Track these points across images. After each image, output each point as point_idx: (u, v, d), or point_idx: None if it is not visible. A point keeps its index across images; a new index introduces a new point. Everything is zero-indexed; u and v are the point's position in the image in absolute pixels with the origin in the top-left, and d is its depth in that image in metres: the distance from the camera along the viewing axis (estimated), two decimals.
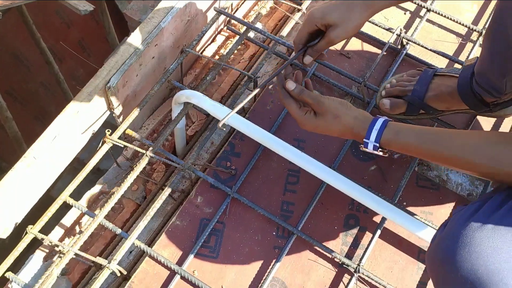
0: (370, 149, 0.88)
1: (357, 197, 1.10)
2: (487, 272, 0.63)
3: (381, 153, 0.89)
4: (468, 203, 0.76)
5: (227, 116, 0.97)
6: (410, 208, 1.14)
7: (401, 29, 1.34)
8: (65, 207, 1.17)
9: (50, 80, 3.56)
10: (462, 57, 1.37)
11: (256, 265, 1.11)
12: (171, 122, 1.21)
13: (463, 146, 0.78)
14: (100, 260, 1.05)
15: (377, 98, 1.20)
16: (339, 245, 1.13)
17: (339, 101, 0.94)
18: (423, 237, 1.07)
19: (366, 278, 1.09)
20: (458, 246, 0.66)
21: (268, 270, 1.10)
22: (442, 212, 1.16)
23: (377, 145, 0.86)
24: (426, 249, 1.13)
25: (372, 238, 1.12)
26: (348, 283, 1.08)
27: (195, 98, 1.18)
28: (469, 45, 1.41)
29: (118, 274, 1.07)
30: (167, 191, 1.13)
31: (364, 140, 0.88)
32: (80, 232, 1.18)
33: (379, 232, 1.12)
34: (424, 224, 1.08)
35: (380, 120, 0.87)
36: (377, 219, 1.15)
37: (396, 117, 1.17)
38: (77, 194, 1.16)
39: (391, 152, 0.91)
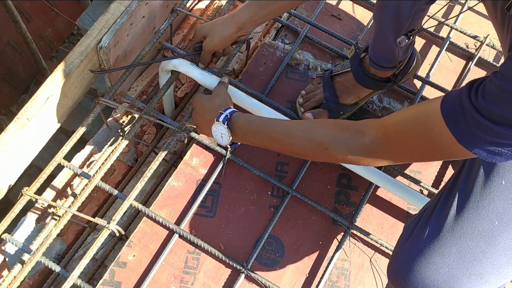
0: (220, 120, 0.92)
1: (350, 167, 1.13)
2: None
3: (229, 137, 0.93)
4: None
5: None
6: (399, 168, 1.19)
7: None
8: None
9: (17, 40, 3.41)
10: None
11: (253, 224, 1.14)
12: (159, 90, 1.19)
13: (295, 126, 0.89)
14: (99, 221, 1.05)
15: (300, 115, 1.21)
16: (332, 203, 1.17)
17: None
18: (410, 201, 1.12)
19: (358, 234, 1.14)
20: (403, 271, 0.78)
21: (265, 228, 1.13)
22: (430, 171, 1.21)
23: (228, 116, 0.92)
24: (413, 207, 1.18)
25: (364, 196, 1.16)
26: (341, 239, 1.12)
27: (183, 67, 1.16)
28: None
29: (117, 234, 1.08)
30: (163, 152, 1.13)
31: (220, 112, 0.94)
32: (73, 194, 1.17)
33: (370, 190, 1.16)
34: (409, 188, 1.11)
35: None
36: None
37: None
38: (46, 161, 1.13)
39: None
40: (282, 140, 0.87)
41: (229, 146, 0.95)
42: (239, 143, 0.98)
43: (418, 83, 1.29)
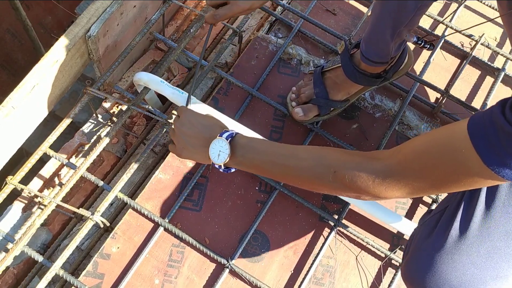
0: (224, 136, 0.82)
1: None
2: None
3: (227, 155, 0.82)
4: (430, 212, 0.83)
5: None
6: None
7: None
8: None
9: (17, 27, 3.40)
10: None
11: (239, 219, 1.13)
12: (138, 95, 1.17)
13: (302, 149, 0.81)
14: (83, 212, 1.04)
15: (290, 110, 1.19)
16: (319, 200, 1.16)
17: None
18: (395, 226, 1.11)
19: (345, 232, 1.13)
20: (424, 270, 0.74)
21: (251, 223, 1.12)
22: None
23: (233, 134, 0.83)
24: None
25: None
26: (327, 236, 1.12)
27: (153, 84, 1.13)
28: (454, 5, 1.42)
29: (102, 226, 1.08)
30: (150, 144, 1.12)
31: (219, 135, 0.83)
32: (60, 184, 1.16)
33: None
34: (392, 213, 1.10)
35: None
36: None
37: (313, 120, 1.18)
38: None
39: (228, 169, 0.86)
40: (286, 162, 0.79)
41: (221, 168, 0.84)
42: (232, 169, 0.86)
43: (411, 81, 1.27)
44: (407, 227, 1.10)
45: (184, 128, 0.89)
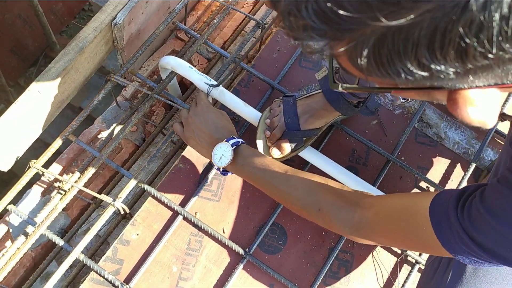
0: (230, 142, 0.91)
1: (337, 176, 1.11)
2: None
3: (228, 161, 0.90)
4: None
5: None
6: (407, 163, 1.18)
7: None
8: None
9: (28, 12, 3.39)
10: None
11: (257, 210, 1.14)
12: (161, 82, 1.17)
13: (297, 177, 0.86)
14: (105, 198, 1.05)
15: (264, 150, 1.10)
16: None
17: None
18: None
19: None
20: None
21: (269, 216, 1.13)
22: (437, 168, 1.20)
23: (240, 143, 0.92)
24: None
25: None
26: None
27: (181, 69, 1.13)
28: None
29: (122, 212, 1.09)
30: (171, 134, 1.12)
31: (226, 140, 0.92)
32: (81, 169, 1.17)
33: (377, 184, 1.16)
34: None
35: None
36: (376, 171, 1.18)
37: (291, 155, 1.10)
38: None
39: (226, 172, 0.96)
40: (279, 185, 0.86)
41: (219, 170, 0.94)
42: (229, 173, 0.96)
43: None
44: None
45: (197, 120, 0.96)
